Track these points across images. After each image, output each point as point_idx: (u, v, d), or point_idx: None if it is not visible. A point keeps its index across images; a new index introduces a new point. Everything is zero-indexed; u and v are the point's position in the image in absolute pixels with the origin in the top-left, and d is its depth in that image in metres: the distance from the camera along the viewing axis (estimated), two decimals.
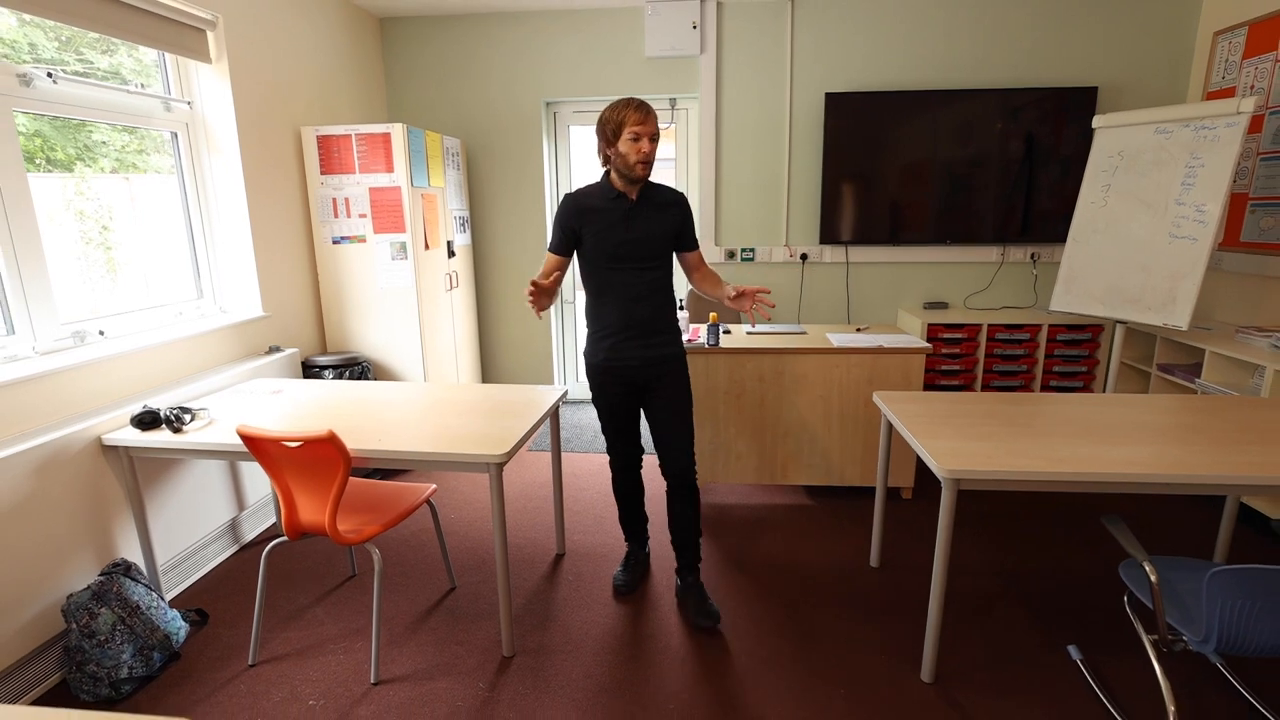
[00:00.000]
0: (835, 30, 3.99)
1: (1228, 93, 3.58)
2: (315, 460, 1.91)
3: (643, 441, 2.48)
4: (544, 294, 2.03)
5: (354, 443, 2.02)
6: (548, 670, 2.08)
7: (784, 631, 2.26)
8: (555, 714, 1.90)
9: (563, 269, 2.23)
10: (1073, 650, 2.12)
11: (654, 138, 2.09)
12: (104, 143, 2.58)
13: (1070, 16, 3.88)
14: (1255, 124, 3.37)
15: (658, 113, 2.13)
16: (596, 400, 2.35)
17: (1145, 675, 2.02)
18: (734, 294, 2.14)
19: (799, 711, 1.90)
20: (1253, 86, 3.40)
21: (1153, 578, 1.67)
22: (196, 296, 3.00)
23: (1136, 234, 3.26)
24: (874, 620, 2.30)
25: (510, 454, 1.98)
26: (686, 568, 2.39)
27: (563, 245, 2.22)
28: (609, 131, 2.09)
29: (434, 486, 2.38)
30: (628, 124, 2.06)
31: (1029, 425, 2.11)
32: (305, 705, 1.94)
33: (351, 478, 2.42)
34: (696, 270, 2.36)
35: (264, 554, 2.16)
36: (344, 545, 2.11)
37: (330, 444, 1.86)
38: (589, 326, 2.31)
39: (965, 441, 1.97)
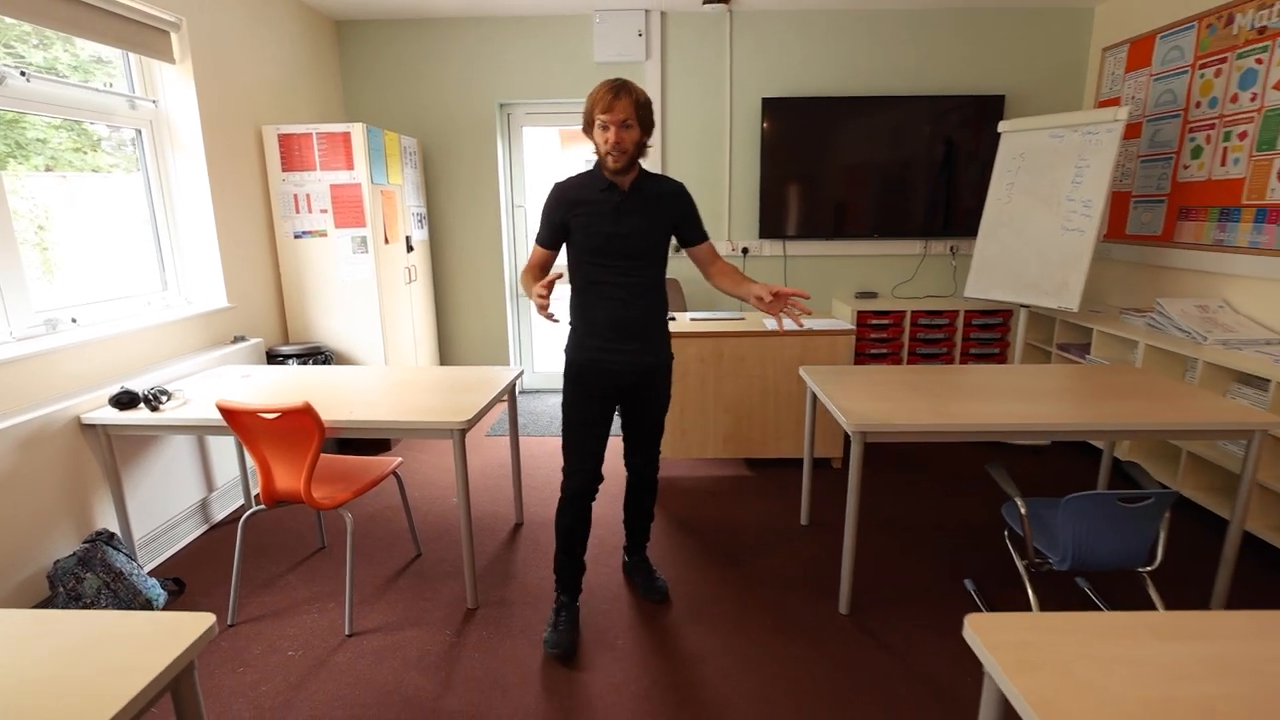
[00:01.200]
0: (771, 40, 4.30)
1: (1114, 101, 4.02)
2: (291, 430, 2.09)
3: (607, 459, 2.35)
4: (545, 287, 1.86)
5: (326, 415, 2.20)
6: (509, 619, 2.30)
7: (721, 579, 2.52)
8: (516, 653, 2.12)
9: (548, 264, 2.12)
10: (968, 583, 2.45)
11: (625, 124, 1.90)
12: (41, 140, 2.57)
13: (982, 30, 4.28)
14: (1136, 130, 3.80)
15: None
16: (571, 398, 2.14)
17: (1027, 601, 2.35)
18: (768, 297, 1.93)
19: (730, 641, 2.17)
20: (1134, 96, 3.84)
21: (1022, 510, 1.99)
22: (161, 289, 3.11)
23: (1035, 227, 3.65)
24: (801, 567, 2.59)
25: (472, 422, 2.19)
26: (635, 547, 2.50)
27: (550, 239, 2.09)
28: (586, 124, 1.98)
29: (400, 459, 2.56)
30: (596, 112, 1.92)
31: (931, 390, 2.43)
32: (285, 655, 2.11)
33: (323, 454, 2.58)
34: (712, 264, 2.18)
35: (240, 521, 2.32)
36: (318, 509, 2.28)
37: (306, 414, 2.04)
38: (573, 324, 2.15)
39: (874, 403, 2.27)
